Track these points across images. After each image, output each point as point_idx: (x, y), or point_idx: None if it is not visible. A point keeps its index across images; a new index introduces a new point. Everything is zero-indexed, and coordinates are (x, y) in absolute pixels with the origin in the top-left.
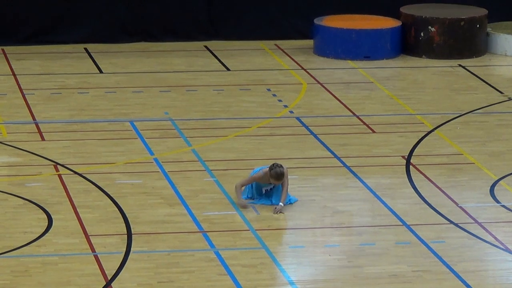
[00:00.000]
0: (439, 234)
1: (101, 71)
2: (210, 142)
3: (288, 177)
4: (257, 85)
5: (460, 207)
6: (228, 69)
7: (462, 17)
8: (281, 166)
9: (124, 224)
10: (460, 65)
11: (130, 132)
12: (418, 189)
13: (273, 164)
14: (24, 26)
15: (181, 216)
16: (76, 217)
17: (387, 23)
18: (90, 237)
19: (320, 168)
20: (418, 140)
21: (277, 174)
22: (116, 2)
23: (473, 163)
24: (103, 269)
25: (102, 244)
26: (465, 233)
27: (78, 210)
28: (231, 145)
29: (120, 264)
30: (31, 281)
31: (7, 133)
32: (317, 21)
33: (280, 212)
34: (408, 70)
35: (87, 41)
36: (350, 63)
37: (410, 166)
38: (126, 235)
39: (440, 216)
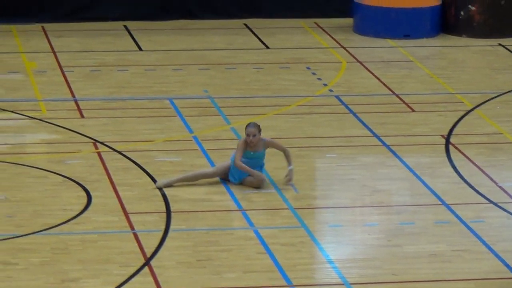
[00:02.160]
0: (478, 213)
1: (140, 49)
2: (249, 120)
3: (327, 155)
4: (296, 63)
5: (500, 187)
6: (267, 47)
7: None
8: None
9: (163, 202)
10: (500, 44)
11: (169, 110)
12: (458, 168)
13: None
14: (64, 3)
15: (220, 195)
16: (115, 195)
17: (427, 1)
18: (129, 215)
19: (359, 146)
20: (457, 119)
21: (252, 123)
22: None
23: None
24: (142, 247)
25: (141, 222)
26: (505, 212)
27: (117, 187)
28: (270, 123)
29: (159, 242)
30: (70, 258)
31: (47, 110)
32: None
33: (290, 179)
34: (448, 49)
35: (127, 18)
36: (390, 42)
37: (450, 145)
38: (165, 213)
39: (479, 196)
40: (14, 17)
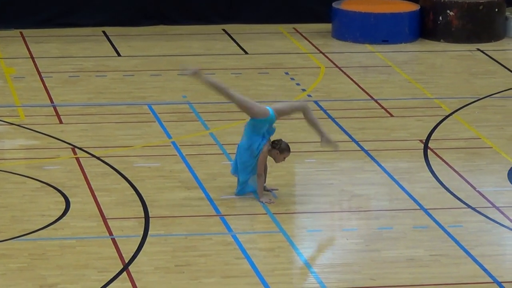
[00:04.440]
0: (456, 218)
1: (119, 54)
2: (228, 126)
3: (306, 160)
4: (275, 69)
5: (478, 191)
6: (246, 53)
7: (481, 1)
8: (280, 140)
9: (141, 208)
10: (478, 49)
11: (148, 115)
12: (436, 173)
13: (273, 142)
14: (43, 8)
15: (198, 200)
16: (93, 200)
17: (406, 6)
18: (107, 220)
19: (338, 152)
20: (436, 124)
21: (288, 146)
22: None
23: (491, 147)
24: (120, 252)
25: (119, 228)
26: (483, 217)
27: (95, 193)
28: None
29: (138, 248)
30: (48, 264)
31: (25, 116)
32: (335, 4)
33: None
34: (426, 54)
35: (105, 24)
36: (368, 47)
37: (428, 150)
38: (143, 219)
39: (457, 200)
40: None
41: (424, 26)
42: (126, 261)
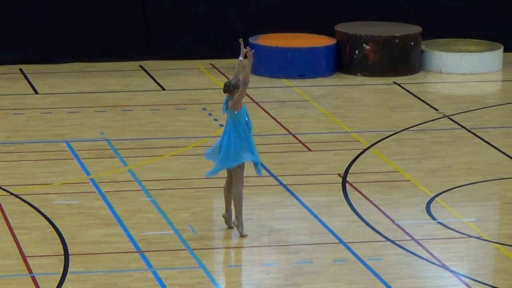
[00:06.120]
0: (376, 251)
1: (36, 92)
2: (146, 162)
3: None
4: (192, 105)
5: (397, 224)
6: (163, 89)
7: (397, 35)
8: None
9: (61, 245)
10: (395, 83)
11: (66, 153)
12: (355, 207)
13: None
14: None
15: (118, 236)
16: (12, 239)
17: (322, 41)
18: (27, 258)
19: (256, 186)
20: (354, 158)
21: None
22: (51, 22)
23: (409, 180)
24: None
25: (39, 265)
26: (402, 250)
27: (14, 231)
28: (167, 164)
29: (58, 285)
30: None
31: None
32: (252, 39)
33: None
34: (343, 88)
35: (22, 62)
36: (285, 82)
37: (346, 184)
38: (63, 256)
39: (377, 234)
40: None
41: (341, 60)
42: None
